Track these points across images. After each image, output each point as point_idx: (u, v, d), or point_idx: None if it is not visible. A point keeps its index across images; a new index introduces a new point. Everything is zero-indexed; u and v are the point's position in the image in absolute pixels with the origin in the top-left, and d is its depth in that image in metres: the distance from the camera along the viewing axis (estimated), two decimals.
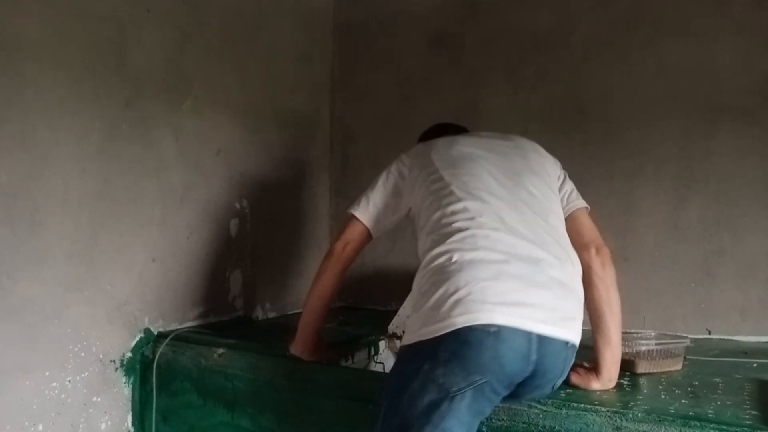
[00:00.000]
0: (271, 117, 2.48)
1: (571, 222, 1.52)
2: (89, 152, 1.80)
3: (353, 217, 1.60)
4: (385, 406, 1.22)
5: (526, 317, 1.18)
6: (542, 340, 1.19)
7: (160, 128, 2.01)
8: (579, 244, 1.46)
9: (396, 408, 1.20)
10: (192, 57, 2.11)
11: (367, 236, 1.61)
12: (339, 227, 1.70)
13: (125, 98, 1.89)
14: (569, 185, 1.60)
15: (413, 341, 1.23)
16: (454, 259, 1.25)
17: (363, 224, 1.59)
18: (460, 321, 1.17)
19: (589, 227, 1.54)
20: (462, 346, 1.16)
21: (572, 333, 1.24)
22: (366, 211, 1.59)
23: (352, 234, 1.60)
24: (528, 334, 1.18)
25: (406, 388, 1.19)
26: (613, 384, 1.40)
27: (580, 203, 1.57)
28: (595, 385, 1.39)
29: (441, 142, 1.58)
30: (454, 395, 1.15)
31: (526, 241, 1.29)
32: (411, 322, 1.29)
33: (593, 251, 1.46)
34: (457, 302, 1.19)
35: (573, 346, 1.25)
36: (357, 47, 2.80)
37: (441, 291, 1.22)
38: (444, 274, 1.24)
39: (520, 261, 1.25)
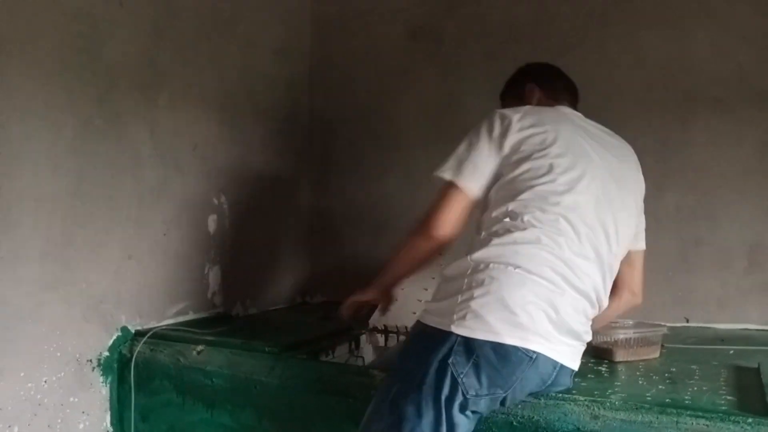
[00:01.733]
0: (249, 111, 2.46)
1: (626, 260, 1.48)
2: (62, 149, 1.76)
3: None
4: (397, 390, 1.19)
5: (560, 352, 1.20)
6: (563, 368, 1.22)
7: (135, 124, 1.98)
8: (623, 286, 1.51)
9: (409, 393, 1.16)
10: (167, 51, 2.08)
11: None
12: None
13: (99, 94, 1.86)
14: (642, 220, 1.56)
15: (448, 327, 1.17)
16: (532, 269, 1.19)
17: None
18: (512, 338, 1.15)
19: (640, 272, 1.56)
20: (500, 360, 1.15)
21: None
22: None
23: None
24: (555, 364, 1.20)
25: (423, 377, 1.16)
26: None
27: (642, 245, 1.56)
28: None
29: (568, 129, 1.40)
30: (470, 398, 1.15)
31: (591, 276, 1.26)
32: (450, 305, 1.20)
33: (631, 298, 1.53)
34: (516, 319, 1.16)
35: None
36: (335, 40, 2.78)
37: (500, 296, 1.17)
38: (511, 277, 1.19)
39: (578, 294, 1.23)
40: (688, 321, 2.08)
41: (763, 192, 2.01)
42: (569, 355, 1.22)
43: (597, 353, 1.62)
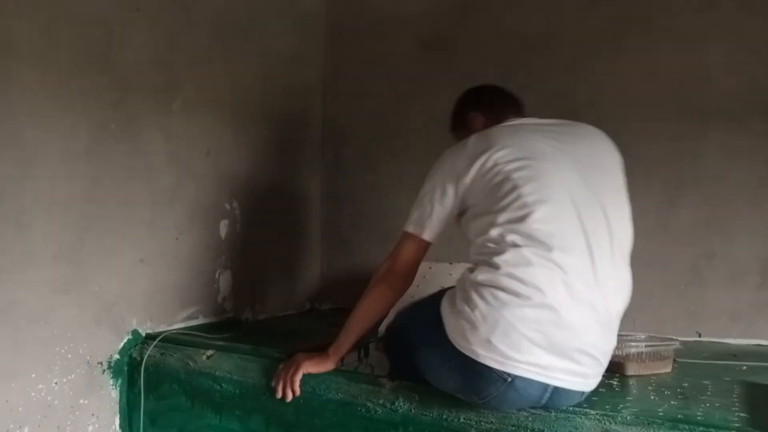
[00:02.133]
0: (262, 118, 2.47)
1: None
2: (77, 153, 1.78)
3: None
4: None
5: (552, 375, 1.21)
6: (558, 390, 1.22)
7: (149, 129, 1.99)
8: None
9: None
10: (181, 57, 2.10)
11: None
12: None
13: (113, 99, 1.88)
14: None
15: (466, 351, 1.22)
16: (520, 291, 1.20)
17: None
18: (487, 360, 1.19)
19: None
20: (475, 375, 1.22)
21: (594, 383, 1.29)
22: None
23: None
24: (545, 386, 1.21)
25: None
26: None
27: None
28: None
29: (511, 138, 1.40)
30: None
31: (586, 281, 1.25)
32: (472, 331, 1.22)
33: None
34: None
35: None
36: (349, 49, 2.80)
37: (484, 318, 1.21)
38: (497, 300, 1.21)
39: (576, 307, 1.22)
40: (700, 335, 2.07)
41: None
42: (569, 377, 1.21)
43: (608, 367, 1.61)
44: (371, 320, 1.52)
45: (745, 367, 1.67)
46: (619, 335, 1.63)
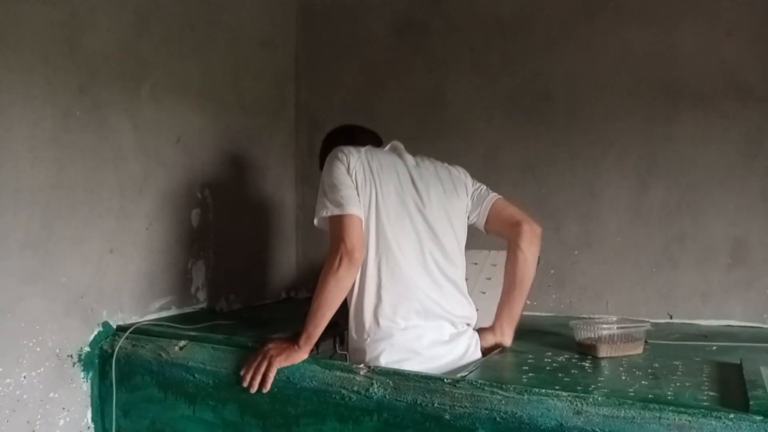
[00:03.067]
0: (234, 104, 2.43)
1: (493, 214, 1.76)
2: (42, 140, 1.73)
3: None
4: None
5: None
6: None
7: (116, 115, 1.95)
8: (511, 231, 1.73)
9: None
10: (149, 42, 2.05)
11: None
12: None
13: (79, 84, 1.83)
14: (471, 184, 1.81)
15: None
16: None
17: None
18: None
19: (512, 212, 1.76)
20: None
21: None
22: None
23: None
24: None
25: None
26: (508, 341, 1.73)
27: (493, 195, 1.79)
28: (491, 338, 1.70)
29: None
30: None
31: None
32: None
33: (524, 233, 1.72)
34: None
35: None
36: (322, 33, 2.76)
37: None
38: None
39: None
40: (671, 317, 2.09)
41: (747, 187, 2.02)
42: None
43: (581, 349, 1.62)
44: (335, 307, 1.54)
45: (715, 347, 1.69)
46: (591, 318, 1.69)
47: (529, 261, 1.71)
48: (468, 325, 1.68)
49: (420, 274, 1.59)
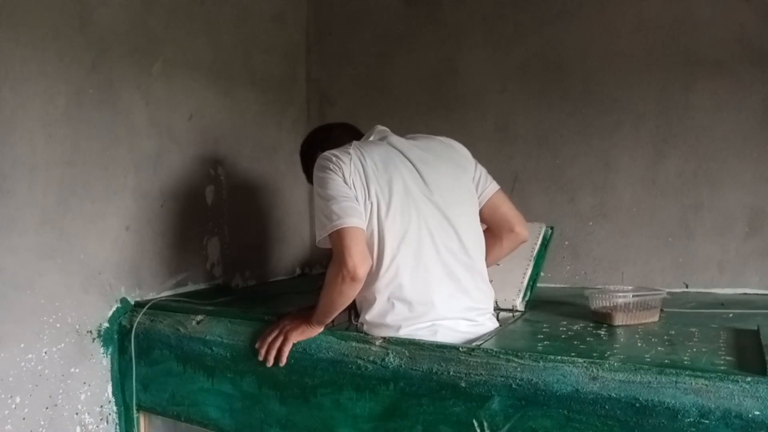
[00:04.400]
0: (245, 80, 2.42)
1: (489, 207, 1.69)
2: (56, 117, 1.74)
3: None
4: None
5: None
6: None
7: (129, 92, 1.95)
8: (500, 228, 1.70)
9: None
10: (160, 17, 2.05)
11: None
12: None
13: (91, 60, 1.83)
14: (479, 169, 1.70)
15: None
16: None
17: None
18: None
19: (508, 210, 1.70)
20: None
21: None
22: None
23: None
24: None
25: None
26: None
27: (493, 186, 1.69)
28: None
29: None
30: None
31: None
32: None
33: (512, 235, 1.70)
34: None
35: None
36: (332, 7, 2.74)
37: None
38: None
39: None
40: (687, 286, 2.08)
41: (764, 156, 1.98)
42: None
43: (596, 317, 1.62)
44: (341, 309, 1.53)
45: (731, 315, 1.68)
46: (606, 287, 1.67)
47: (500, 257, 1.73)
48: (485, 312, 1.61)
49: (435, 274, 1.52)
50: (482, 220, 1.66)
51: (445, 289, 1.52)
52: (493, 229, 1.69)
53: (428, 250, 1.51)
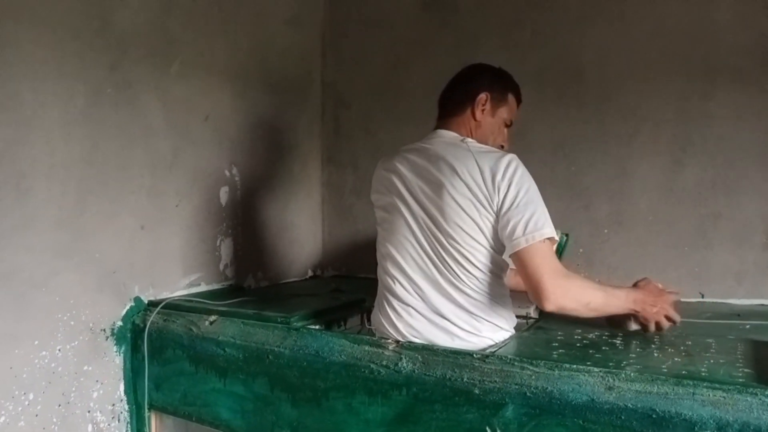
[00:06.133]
0: (261, 82, 2.43)
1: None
2: (75, 116, 1.75)
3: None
4: None
5: None
6: None
7: (146, 93, 1.96)
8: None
9: None
10: (178, 19, 2.06)
11: None
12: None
13: (110, 61, 1.84)
14: (510, 217, 1.49)
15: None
16: None
17: None
18: None
19: (527, 274, 1.45)
20: None
21: None
22: None
23: None
24: None
25: None
26: None
27: (515, 244, 1.44)
28: None
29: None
30: None
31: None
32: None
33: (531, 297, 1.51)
34: None
35: None
36: (348, 10, 2.74)
37: None
38: None
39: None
40: (703, 296, 2.05)
41: None
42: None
43: (610, 323, 1.60)
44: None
45: (749, 326, 1.66)
46: None
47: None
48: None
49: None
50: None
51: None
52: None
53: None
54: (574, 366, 1.23)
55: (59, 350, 1.74)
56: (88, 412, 1.82)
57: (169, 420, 1.95)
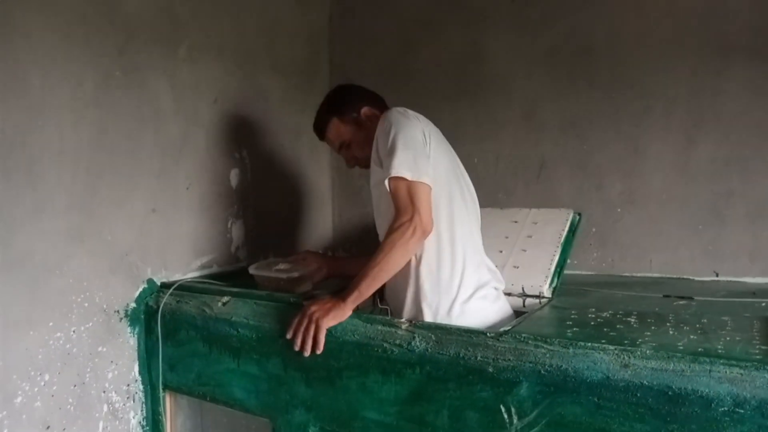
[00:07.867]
0: (269, 64, 2.42)
1: None
2: (84, 101, 1.75)
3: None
4: None
5: None
6: None
7: (155, 76, 1.95)
8: None
9: None
10: (185, 2, 2.04)
11: None
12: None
13: (118, 45, 1.83)
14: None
15: None
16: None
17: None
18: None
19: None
20: None
21: None
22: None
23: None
24: None
25: None
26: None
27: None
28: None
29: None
30: None
31: None
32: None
33: None
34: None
35: None
36: None
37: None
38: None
39: None
40: (717, 275, 2.04)
41: None
42: None
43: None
44: (393, 274, 1.53)
45: (764, 304, 1.65)
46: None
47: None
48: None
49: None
50: None
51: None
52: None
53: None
54: (589, 344, 1.23)
55: (74, 332, 1.76)
56: (103, 392, 1.83)
57: (183, 400, 1.96)
